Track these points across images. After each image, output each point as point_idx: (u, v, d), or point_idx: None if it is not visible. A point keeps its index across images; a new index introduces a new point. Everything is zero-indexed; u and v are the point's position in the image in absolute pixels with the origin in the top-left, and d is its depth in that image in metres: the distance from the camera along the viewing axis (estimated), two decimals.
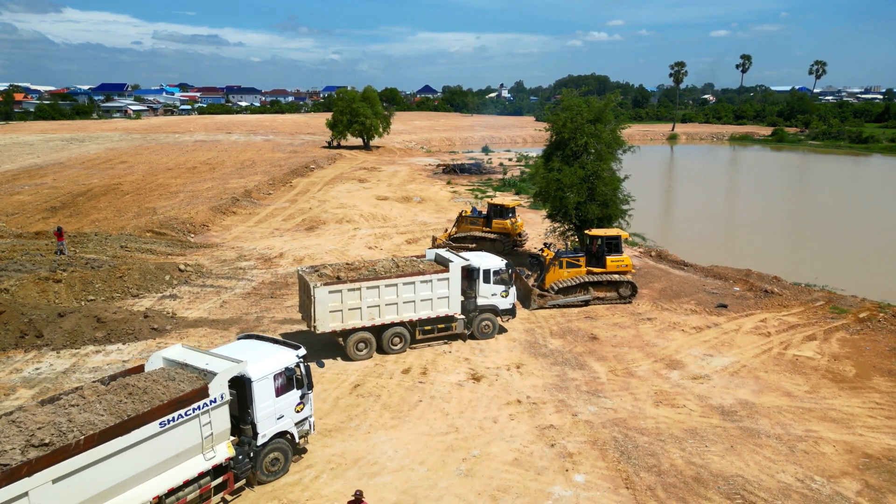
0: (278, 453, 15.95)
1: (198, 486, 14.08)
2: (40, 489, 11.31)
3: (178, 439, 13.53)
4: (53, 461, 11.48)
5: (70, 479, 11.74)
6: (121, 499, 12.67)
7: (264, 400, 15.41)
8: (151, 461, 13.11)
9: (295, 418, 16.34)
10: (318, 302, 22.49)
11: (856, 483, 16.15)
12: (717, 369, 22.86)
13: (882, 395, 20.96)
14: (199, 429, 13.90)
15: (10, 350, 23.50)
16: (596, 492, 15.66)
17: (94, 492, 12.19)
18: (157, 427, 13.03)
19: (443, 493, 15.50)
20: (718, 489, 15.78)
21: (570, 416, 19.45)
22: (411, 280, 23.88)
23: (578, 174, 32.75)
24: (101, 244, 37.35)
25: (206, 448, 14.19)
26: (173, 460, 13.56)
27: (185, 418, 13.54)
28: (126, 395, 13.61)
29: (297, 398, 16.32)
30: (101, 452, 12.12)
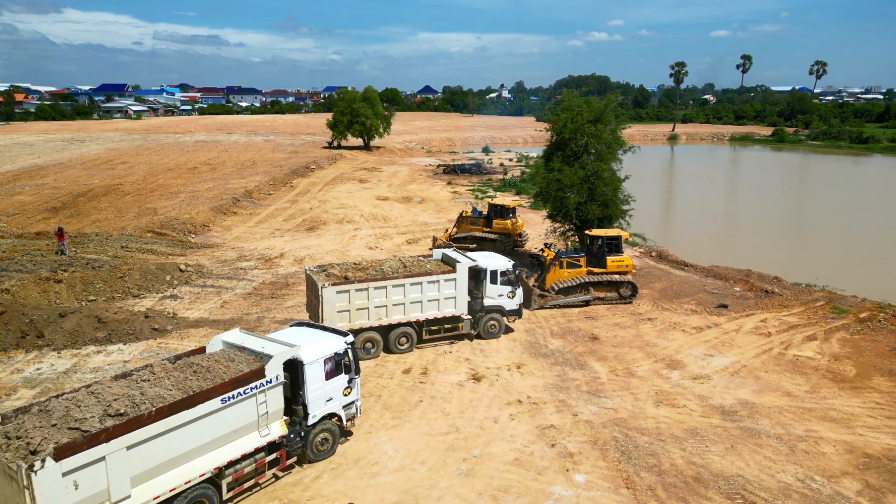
0: (327, 434, 16.90)
1: (254, 461, 15.08)
2: (116, 454, 12.40)
3: (236, 416, 14.55)
4: (128, 430, 12.56)
5: (142, 447, 12.83)
6: (186, 468, 13.75)
7: (315, 382, 16.42)
8: (213, 434, 14.13)
9: (343, 401, 17.33)
10: (325, 302, 22.51)
11: (856, 483, 16.16)
12: (718, 369, 22.87)
13: (882, 394, 20.97)
14: (255, 407, 14.93)
15: (12, 350, 23.52)
16: (596, 492, 15.68)
17: (162, 460, 13.27)
18: (219, 403, 14.08)
19: (443, 492, 15.52)
20: (719, 489, 15.79)
21: (571, 416, 19.46)
22: (419, 280, 23.94)
23: (579, 174, 32.76)
24: (101, 244, 37.39)
25: (261, 425, 15.19)
26: (232, 435, 14.58)
27: (244, 396, 14.58)
28: (191, 373, 14.80)
29: (344, 382, 17.29)
30: (170, 424, 13.19)
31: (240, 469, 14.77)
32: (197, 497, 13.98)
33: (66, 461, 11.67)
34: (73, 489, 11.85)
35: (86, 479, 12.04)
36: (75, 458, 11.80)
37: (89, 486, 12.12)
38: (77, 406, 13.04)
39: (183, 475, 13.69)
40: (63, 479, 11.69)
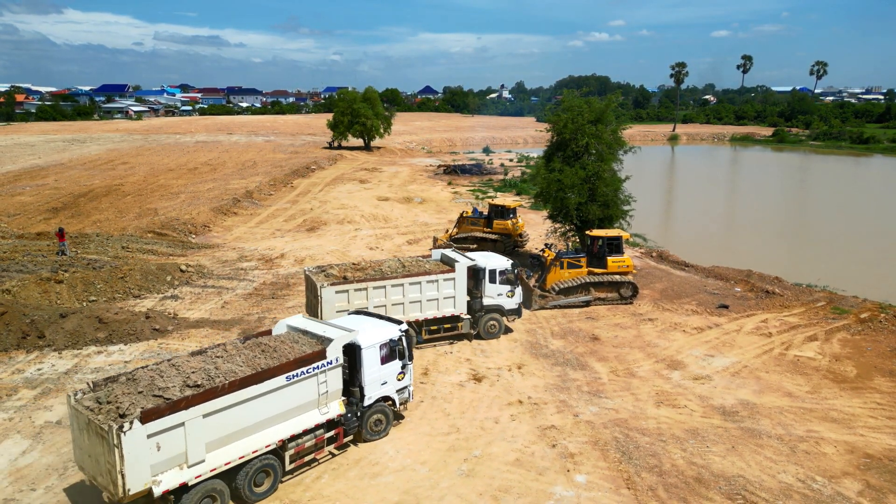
0: (381, 415, 17.97)
1: (314, 436, 16.31)
2: (193, 421, 13.69)
3: (299, 393, 15.75)
4: (204, 399, 13.87)
5: (216, 416, 14.11)
6: (253, 438, 14.96)
7: (371, 366, 17.58)
8: (278, 409, 15.33)
9: (396, 386, 18.38)
10: (324, 302, 22.53)
11: (857, 483, 16.15)
12: (719, 370, 22.87)
13: (883, 395, 20.97)
14: (316, 386, 16.11)
15: (12, 350, 23.53)
16: (597, 492, 15.68)
17: (233, 429, 14.52)
18: (284, 380, 15.29)
19: (444, 493, 15.52)
20: (720, 489, 15.79)
21: (572, 416, 19.47)
22: (417, 280, 23.97)
23: (579, 175, 32.77)
24: (102, 245, 37.42)
25: (321, 404, 16.38)
26: (295, 411, 15.79)
27: (307, 375, 15.77)
28: (260, 352, 16.19)
29: (398, 367, 18.35)
30: (240, 396, 14.46)
31: (301, 443, 16.00)
32: (263, 466, 15.18)
33: (151, 424, 13.01)
34: (155, 450, 13.20)
35: (167, 442, 13.36)
36: (158, 422, 13.14)
37: (170, 449, 13.44)
38: (160, 376, 14.53)
39: (251, 445, 14.91)
40: (148, 441, 13.02)
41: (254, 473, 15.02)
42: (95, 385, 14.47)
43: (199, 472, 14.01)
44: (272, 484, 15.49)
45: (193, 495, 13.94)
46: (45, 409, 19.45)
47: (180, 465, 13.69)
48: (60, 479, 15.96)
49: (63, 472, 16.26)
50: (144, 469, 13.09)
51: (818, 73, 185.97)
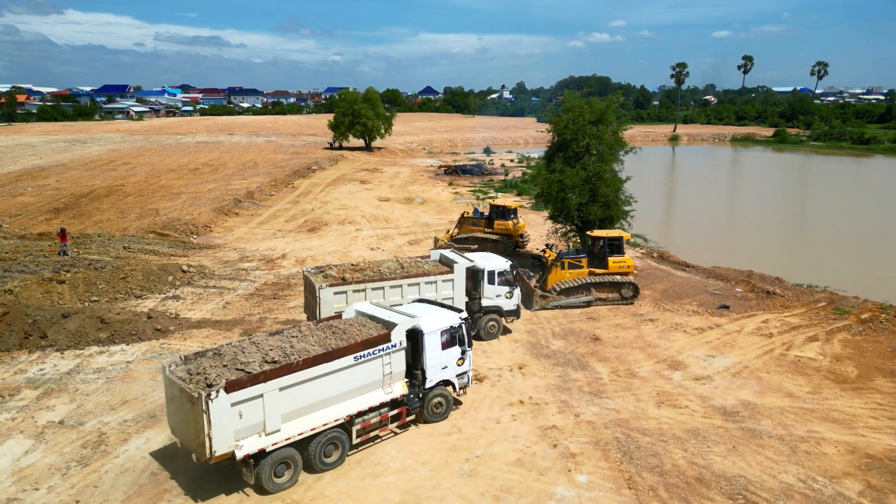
0: (441, 398, 19.01)
1: (378, 414, 17.48)
2: (271, 393, 15.02)
3: (366, 373, 16.93)
4: (280, 374, 15.18)
5: (291, 390, 15.38)
6: (324, 412, 16.22)
7: (432, 351, 18.51)
8: (346, 387, 16.57)
9: (456, 371, 19.31)
10: (323, 303, 22.55)
11: (858, 483, 16.17)
12: (719, 370, 22.89)
13: (884, 395, 20.98)
14: (381, 367, 17.26)
15: (15, 350, 23.57)
16: (598, 492, 15.70)
17: (305, 403, 15.78)
18: (352, 360, 16.53)
19: (446, 493, 15.55)
20: (721, 489, 15.81)
21: (573, 416, 19.50)
22: (416, 281, 23.95)
23: (580, 175, 32.80)
24: (104, 245, 37.45)
25: (385, 384, 17.48)
26: (361, 389, 16.97)
27: (373, 356, 16.95)
28: (331, 333, 17.59)
29: (458, 353, 19.26)
30: (313, 373, 15.72)
31: (367, 419, 17.19)
32: (332, 439, 16.44)
33: (234, 394, 14.43)
34: (237, 417, 14.58)
35: (247, 411, 14.73)
36: (241, 392, 14.53)
37: (250, 417, 14.80)
38: (242, 352, 16.13)
39: (321, 418, 16.16)
40: (231, 409, 14.43)
41: (324, 445, 16.29)
42: (186, 358, 16.11)
43: (275, 440, 15.32)
44: (340, 456, 16.72)
45: (270, 461, 15.29)
46: (48, 409, 19.48)
47: (259, 432, 15.09)
48: (63, 478, 15.99)
49: (66, 471, 16.29)
50: (228, 434, 14.51)
51: (819, 74, 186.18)
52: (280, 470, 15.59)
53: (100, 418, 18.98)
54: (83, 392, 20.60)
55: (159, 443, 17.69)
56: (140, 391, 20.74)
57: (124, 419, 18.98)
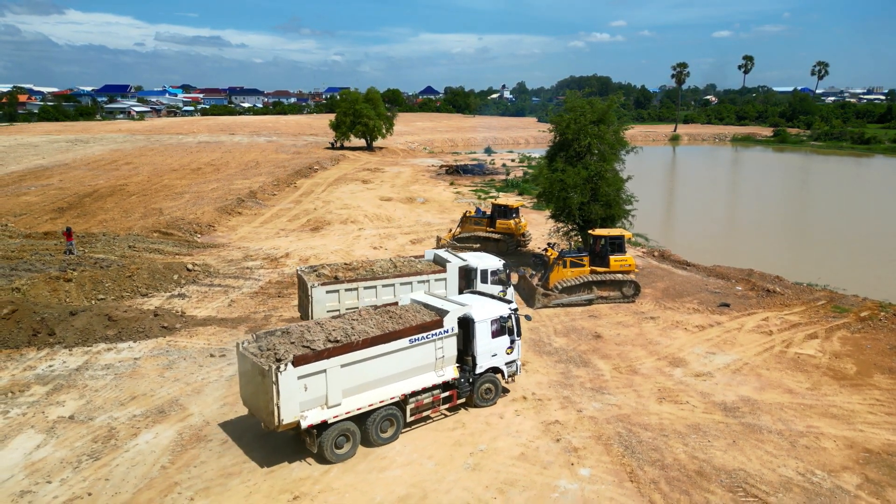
0: (490, 384, 19.98)
1: (431, 395, 18.63)
2: (333, 369, 16.42)
3: (420, 355, 18.16)
4: (342, 352, 16.62)
5: (351, 367, 16.76)
6: (381, 390, 17.49)
7: (483, 338, 19.54)
8: (401, 367, 17.82)
9: (505, 359, 20.29)
10: (315, 302, 22.78)
11: (856, 477, 16.44)
12: (720, 367, 23.17)
13: (882, 391, 21.25)
14: (434, 351, 18.47)
15: (23, 348, 23.86)
16: (601, 485, 15.98)
17: (364, 380, 17.10)
18: (407, 342, 17.82)
19: (451, 486, 15.82)
20: (721, 482, 16.09)
21: (575, 412, 19.77)
22: (408, 280, 24.18)
23: (582, 175, 33.08)
24: (109, 244, 37.76)
25: (438, 367, 18.70)
26: (415, 371, 18.21)
27: (426, 340, 18.24)
28: (388, 318, 18.93)
29: (507, 343, 20.23)
30: (371, 353, 17.06)
31: (420, 399, 18.37)
32: (387, 415, 17.64)
33: (301, 368, 15.83)
34: (303, 390, 15.94)
35: (312, 385, 16.10)
36: (306, 367, 15.93)
37: (314, 391, 16.17)
38: (308, 331, 17.65)
39: (378, 395, 17.42)
40: (298, 381, 15.79)
41: (380, 421, 17.50)
42: (257, 336, 17.66)
43: (336, 413, 16.67)
44: (395, 432, 17.89)
45: (331, 432, 16.62)
46: (58, 404, 19.78)
47: (321, 405, 16.46)
48: (75, 472, 16.28)
49: (77, 465, 16.58)
50: (295, 405, 15.86)
51: (819, 74, 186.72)
52: (340, 441, 16.88)
53: (109, 413, 19.27)
54: (92, 388, 20.90)
55: (168, 437, 17.98)
56: (148, 387, 21.03)
57: (133, 414, 19.27)
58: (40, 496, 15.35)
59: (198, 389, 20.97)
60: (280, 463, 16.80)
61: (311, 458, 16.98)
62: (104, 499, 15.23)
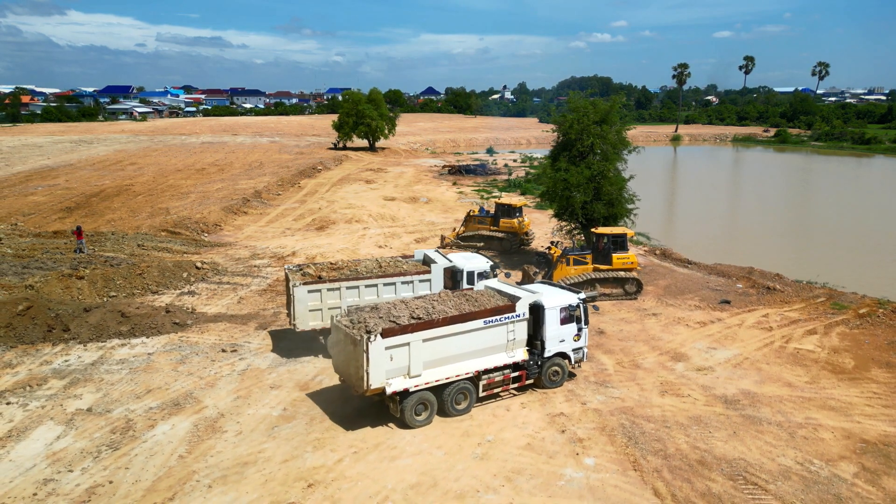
0: (558, 368, 21.36)
1: (501, 373, 20.15)
2: (416, 343, 18.22)
3: (492, 336, 19.73)
4: (424, 328, 18.42)
5: (432, 343, 18.53)
6: (456, 365, 19.17)
7: (552, 324, 20.96)
8: (475, 346, 19.41)
9: (572, 345, 21.64)
10: (297, 301, 22.88)
11: (853, 466, 16.94)
12: (721, 361, 23.66)
13: (880, 385, 21.74)
14: (506, 333, 20.01)
15: (39, 343, 24.37)
16: (605, 473, 16.48)
17: (442, 355, 18.82)
18: (482, 324, 19.41)
19: (460, 474, 16.33)
20: (721, 471, 16.59)
21: (580, 404, 20.27)
22: (392, 280, 24.10)
23: (585, 174, 33.57)
24: (118, 243, 38.30)
25: (509, 349, 20.15)
26: (488, 350, 19.75)
27: (499, 323, 19.76)
28: (465, 301, 20.54)
29: (575, 330, 21.59)
30: (449, 330, 18.78)
31: (491, 377, 19.90)
32: (462, 389, 19.25)
33: (388, 340, 17.66)
34: (389, 360, 17.78)
35: (397, 356, 17.93)
36: (392, 339, 17.76)
37: (398, 361, 18.00)
38: (394, 308, 19.43)
39: (454, 370, 19.09)
40: (385, 352, 17.64)
41: (455, 393, 19.13)
42: (349, 311, 19.79)
43: (416, 383, 18.40)
44: (468, 405, 19.48)
45: (412, 400, 18.37)
46: (75, 397, 20.29)
47: (404, 375, 18.21)
48: (95, 461, 16.79)
49: (97, 455, 17.08)
50: (381, 372, 17.71)
51: (820, 74, 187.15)
52: (419, 409, 18.61)
53: (126, 406, 19.79)
54: (108, 382, 21.41)
55: (184, 428, 18.48)
56: (163, 381, 21.54)
57: (149, 407, 19.78)
58: (63, 483, 15.86)
59: (211, 383, 21.48)
60: (295, 453, 17.31)
61: (322, 447, 17.50)
62: (125, 486, 15.74)
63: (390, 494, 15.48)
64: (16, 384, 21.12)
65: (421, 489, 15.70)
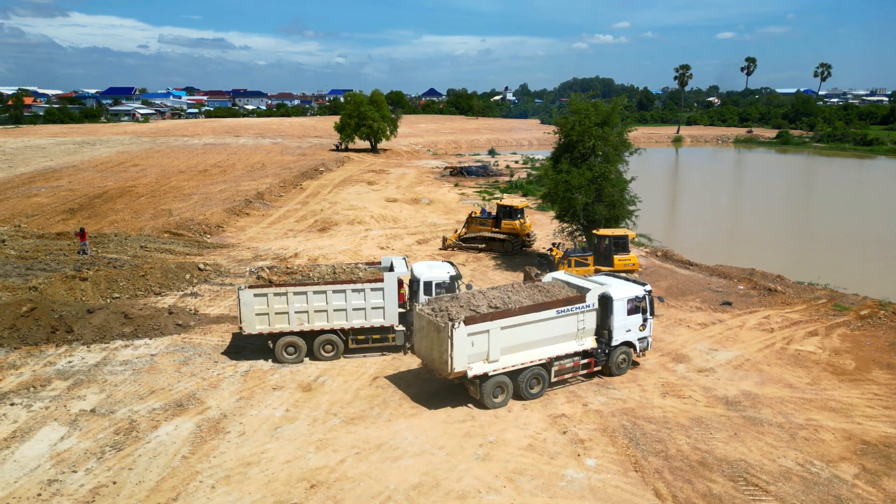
0: (624, 356, 22.60)
1: (571, 360, 21.43)
2: (494, 330, 19.53)
3: (564, 325, 21.00)
4: (501, 316, 19.74)
5: (509, 330, 19.83)
6: (531, 352, 20.41)
7: (619, 315, 22.09)
8: (548, 334, 20.68)
9: (637, 335, 22.79)
10: (243, 304, 22.66)
11: (853, 467, 17.00)
12: (722, 363, 23.73)
13: (881, 386, 21.79)
14: (576, 322, 21.28)
15: (42, 345, 24.50)
16: (607, 474, 16.56)
17: (517, 342, 20.10)
18: (554, 313, 20.70)
19: (462, 474, 16.41)
20: (722, 472, 16.66)
21: (581, 405, 20.35)
22: (342, 288, 23.41)
23: (586, 176, 33.66)
24: (121, 244, 38.44)
25: (578, 337, 21.40)
26: (560, 338, 21.01)
27: (570, 313, 21.02)
28: (538, 292, 21.90)
29: (640, 320, 22.74)
30: (524, 319, 20.07)
31: (562, 364, 21.15)
32: (535, 374, 20.55)
33: (469, 327, 19.04)
34: (471, 345, 19.18)
35: (477, 342, 19.30)
36: (473, 326, 19.11)
37: (479, 347, 19.36)
38: (473, 299, 20.91)
39: (529, 356, 20.35)
40: (467, 338, 19.06)
41: (529, 378, 20.39)
42: (429, 301, 21.23)
43: (495, 368, 19.68)
44: (541, 389, 20.71)
45: (490, 383, 19.75)
46: (79, 398, 20.41)
47: (483, 360, 19.54)
48: (99, 462, 16.90)
49: (101, 455, 17.20)
50: (464, 357, 19.10)
51: (822, 76, 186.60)
52: (497, 392, 19.95)
53: (129, 407, 19.90)
54: (111, 383, 21.53)
55: (188, 429, 18.59)
56: (166, 382, 21.66)
57: (153, 408, 19.89)
58: (67, 484, 15.97)
59: (214, 384, 21.59)
60: (297, 453, 17.40)
61: (324, 448, 17.60)
62: (129, 487, 15.85)
63: (392, 495, 15.57)
64: (20, 385, 21.26)
65: (423, 489, 15.79)
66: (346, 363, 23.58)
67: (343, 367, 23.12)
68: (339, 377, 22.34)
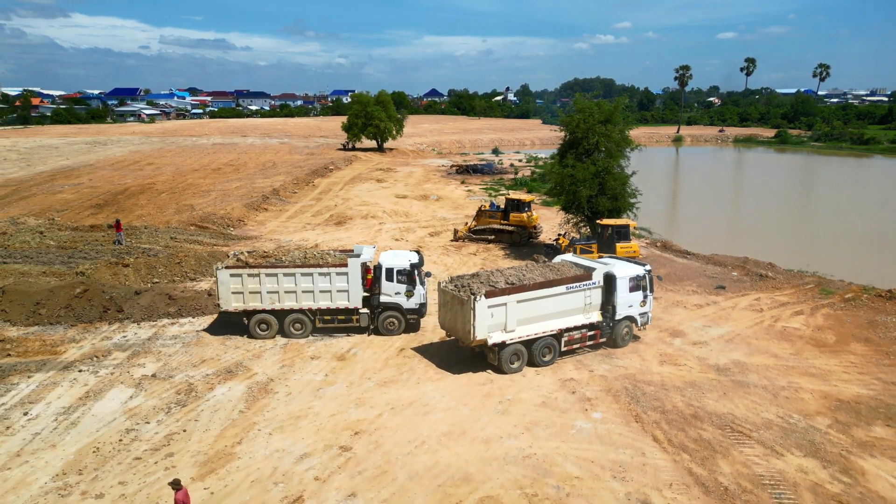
0: (627, 329, 25.03)
1: (580, 332, 23.94)
2: (512, 303, 22.05)
3: (572, 301, 23.49)
4: (517, 291, 22.24)
5: (523, 304, 22.30)
6: (543, 324, 22.87)
7: (622, 292, 24.49)
8: (558, 308, 23.18)
9: (638, 311, 25.14)
10: (220, 283, 25.08)
11: (827, 419, 19.39)
12: (715, 337, 26.13)
13: (857, 357, 24.18)
14: (583, 298, 23.78)
15: (96, 322, 26.92)
16: (611, 425, 18.97)
17: (532, 315, 22.58)
18: (564, 289, 23.22)
19: (485, 425, 18.82)
20: (712, 423, 19.06)
21: (588, 371, 22.77)
22: (309, 271, 25.40)
23: (590, 170, 36.09)
24: (152, 236, 40.87)
25: (586, 311, 23.91)
26: (568, 312, 23.48)
27: (577, 289, 23.56)
28: (549, 270, 24.65)
29: (641, 297, 25.06)
30: (538, 294, 22.59)
31: (571, 335, 23.70)
32: (547, 344, 23.00)
33: (489, 300, 21.54)
34: (490, 317, 21.68)
35: (496, 314, 21.83)
36: (493, 299, 21.62)
37: (497, 318, 21.91)
38: (492, 276, 23.35)
39: (541, 328, 22.82)
40: (488, 310, 21.54)
41: (542, 347, 22.85)
42: (451, 278, 23.74)
43: (512, 337, 22.21)
44: (552, 357, 23.19)
45: (507, 350, 22.23)
46: (139, 366, 22.84)
47: (502, 329, 22.03)
48: (167, 415, 19.33)
49: (168, 410, 19.62)
50: (484, 327, 21.58)
51: (821, 76, 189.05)
52: (513, 359, 22.38)
53: (185, 373, 22.33)
54: (166, 353, 23.97)
55: (240, 391, 21.00)
56: (214, 353, 24.10)
57: (206, 373, 22.32)
58: (143, 432, 18.40)
59: (257, 355, 24.02)
60: (340, 409, 19.81)
61: (363, 405, 20.00)
62: (197, 434, 18.27)
63: (426, 440, 18.00)
64: (83, 356, 23.68)
65: (452, 436, 18.22)
66: (373, 338, 25.96)
67: (371, 341, 25.53)
68: (368, 349, 24.76)
